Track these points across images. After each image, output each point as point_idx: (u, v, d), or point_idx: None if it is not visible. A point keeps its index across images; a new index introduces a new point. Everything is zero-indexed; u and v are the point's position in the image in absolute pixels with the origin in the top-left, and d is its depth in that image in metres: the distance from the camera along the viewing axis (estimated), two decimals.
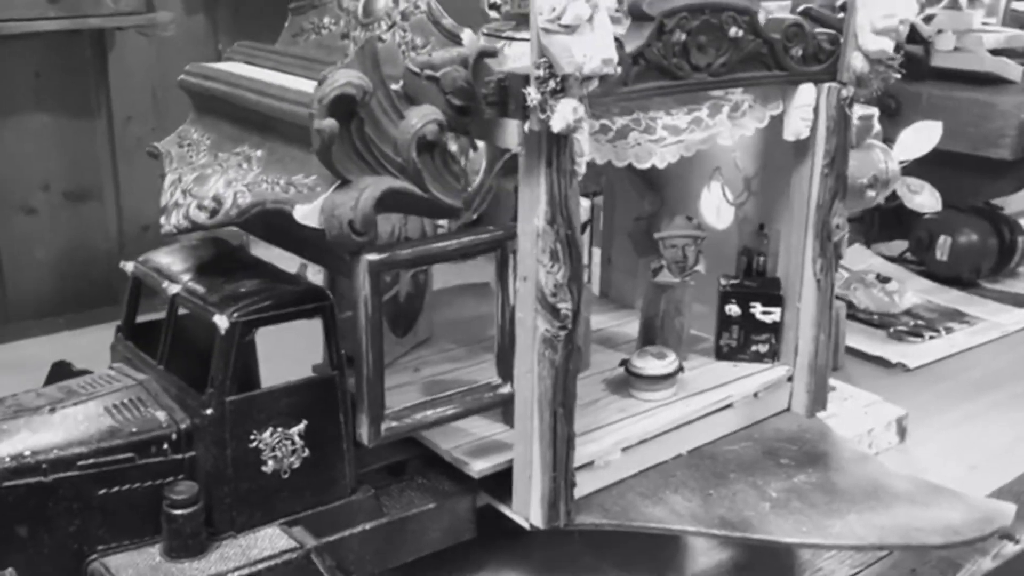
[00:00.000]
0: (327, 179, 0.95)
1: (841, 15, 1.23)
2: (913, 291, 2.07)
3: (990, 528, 1.14)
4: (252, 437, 0.99)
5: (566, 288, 1.03)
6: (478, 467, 1.12)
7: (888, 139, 1.69)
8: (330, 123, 0.89)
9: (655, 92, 1.11)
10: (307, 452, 1.02)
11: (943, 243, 2.17)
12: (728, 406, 1.30)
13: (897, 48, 1.26)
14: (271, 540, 1.00)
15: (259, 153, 1.04)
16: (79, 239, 1.97)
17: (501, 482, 1.13)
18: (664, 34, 1.09)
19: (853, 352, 1.82)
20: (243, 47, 1.18)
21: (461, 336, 1.42)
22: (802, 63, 1.23)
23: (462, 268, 1.17)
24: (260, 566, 0.97)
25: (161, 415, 1.00)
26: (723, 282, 1.37)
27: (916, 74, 2.38)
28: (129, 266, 1.12)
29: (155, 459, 0.98)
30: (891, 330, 1.92)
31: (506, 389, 1.09)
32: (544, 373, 1.05)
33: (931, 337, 1.90)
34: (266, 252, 1.15)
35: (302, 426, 1.02)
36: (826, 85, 1.25)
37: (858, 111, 1.58)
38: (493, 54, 0.98)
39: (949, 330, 1.94)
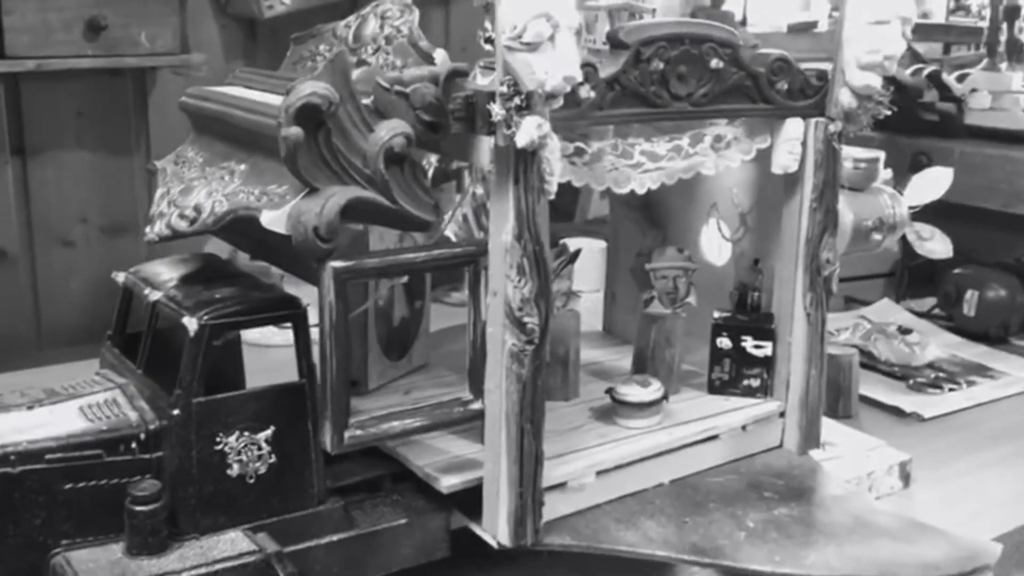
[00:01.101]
0: (298, 188, 0.98)
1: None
2: (938, 345, 2.04)
3: (971, 566, 1.11)
4: (218, 440, 1.01)
5: (533, 303, 1.05)
6: (448, 482, 1.13)
7: None
8: (295, 131, 0.93)
9: (633, 118, 1.13)
10: (273, 458, 1.04)
11: (971, 298, 2.13)
12: (714, 438, 1.29)
13: (893, 82, 1.27)
14: (232, 543, 1.02)
15: (243, 167, 1.08)
16: (113, 271, 2.04)
17: (474, 501, 1.14)
18: (641, 62, 1.12)
19: (868, 401, 1.80)
20: (244, 72, 1.23)
21: (458, 365, 1.43)
22: (788, 97, 1.24)
23: None
24: (217, 566, 0.98)
25: (133, 416, 1.03)
26: (715, 315, 1.37)
27: (949, 131, 2.38)
28: (120, 276, 1.16)
29: (123, 457, 1.01)
30: (911, 381, 1.89)
31: (477, 405, 1.10)
32: (511, 388, 1.06)
33: (951, 389, 1.86)
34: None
35: (269, 432, 1.04)
36: (814, 120, 1.26)
37: (863, 154, 1.59)
38: (464, 74, 1.02)
39: (971, 383, 1.90)
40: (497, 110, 0.98)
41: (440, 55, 1.04)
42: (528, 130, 0.98)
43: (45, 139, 1.88)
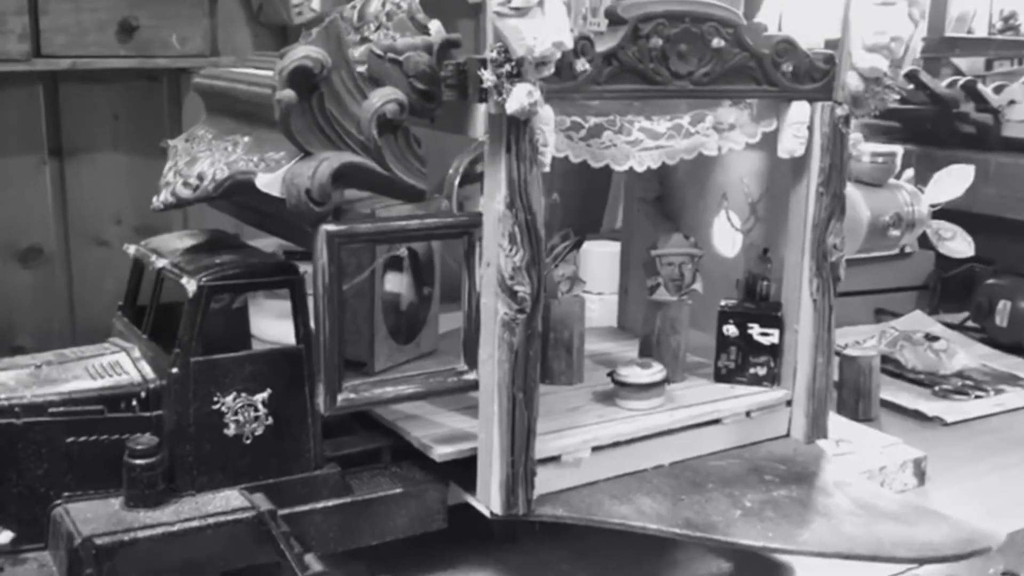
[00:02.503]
0: (293, 154, 1.01)
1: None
2: (969, 355, 2.01)
3: (970, 548, 1.10)
4: (215, 399, 1.04)
5: (524, 272, 1.06)
6: (441, 451, 1.14)
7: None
8: (288, 93, 0.96)
9: (631, 95, 1.15)
10: (270, 420, 1.07)
11: (1003, 309, 2.10)
12: (716, 423, 1.28)
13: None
14: (227, 500, 1.04)
15: (247, 139, 1.11)
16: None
17: (472, 475, 1.15)
18: (640, 38, 1.13)
19: (889, 405, 1.78)
20: (256, 55, 1.27)
21: None
22: (794, 80, 1.24)
23: None
24: (210, 520, 1.00)
25: (135, 375, 1.06)
26: (722, 303, 1.37)
27: (985, 143, 2.37)
28: (131, 249, 1.19)
29: (124, 414, 1.04)
30: (936, 388, 1.86)
31: (471, 375, 1.12)
32: (503, 357, 1.07)
33: (977, 396, 1.84)
34: None
35: (266, 394, 1.06)
36: (820, 103, 1.26)
37: (880, 149, 1.59)
38: (457, 43, 1.04)
39: (999, 391, 1.87)
40: (488, 76, 1.00)
41: (435, 26, 1.07)
42: (519, 97, 1.00)
43: (82, 141, 1.94)
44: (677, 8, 1.15)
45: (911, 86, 2.40)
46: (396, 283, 1.36)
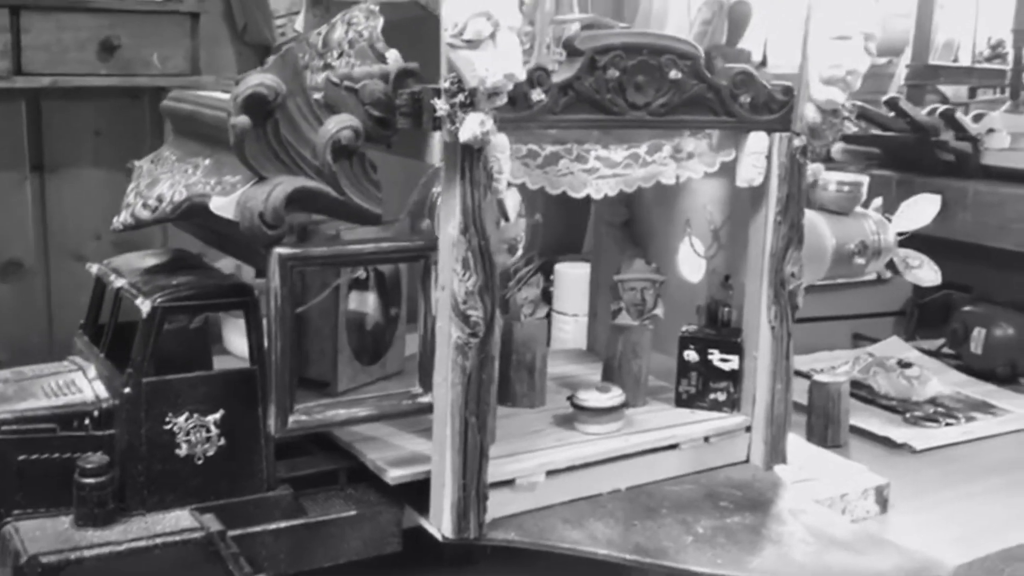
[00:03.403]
0: (249, 178, 1.02)
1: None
2: (943, 382, 2.01)
3: None
4: (167, 419, 1.05)
5: (477, 296, 1.07)
6: (395, 474, 1.15)
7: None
8: (242, 119, 0.97)
9: (588, 124, 1.16)
10: (222, 441, 1.08)
11: (977, 336, 2.11)
12: (674, 447, 1.29)
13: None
14: (177, 520, 1.05)
15: (207, 162, 1.12)
16: None
17: (426, 496, 1.16)
18: (597, 69, 1.15)
19: (860, 432, 1.78)
20: (226, 78, 1.28)
21: None
22: (752, 111, 1.26)
23: None
24: (159, 540, 1.01)
25: (88, 394, 1.07)
26: (684, 329, 1.38)
27: (964, 171, 2.37)
28: (94, 267, 1.21)
29: (76, 433, 1.05)
30: (908, 415, 1.87)
31: (426, 398, 1.13)
32: (456, 380, 1.08)
33: (948, 424, 1.84)
34: None
35: (218, 415, 1.07)
36: (778, 134, 1.28)
37: (846, 178, 1.60)
38: (414, 72, 1.05)
39: (970, 419, 1.87)
40: (441, 105, 1.01)
41: (392, 55, 1.08)
42: (471, 126, 1.01)
43: (63, 157, 1.96)
44: (634, 40, 1.17)
45: (892, 114, 2.42)
46: (361, 303, 1.38)
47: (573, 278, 1.93)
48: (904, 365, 1.98)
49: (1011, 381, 2.10)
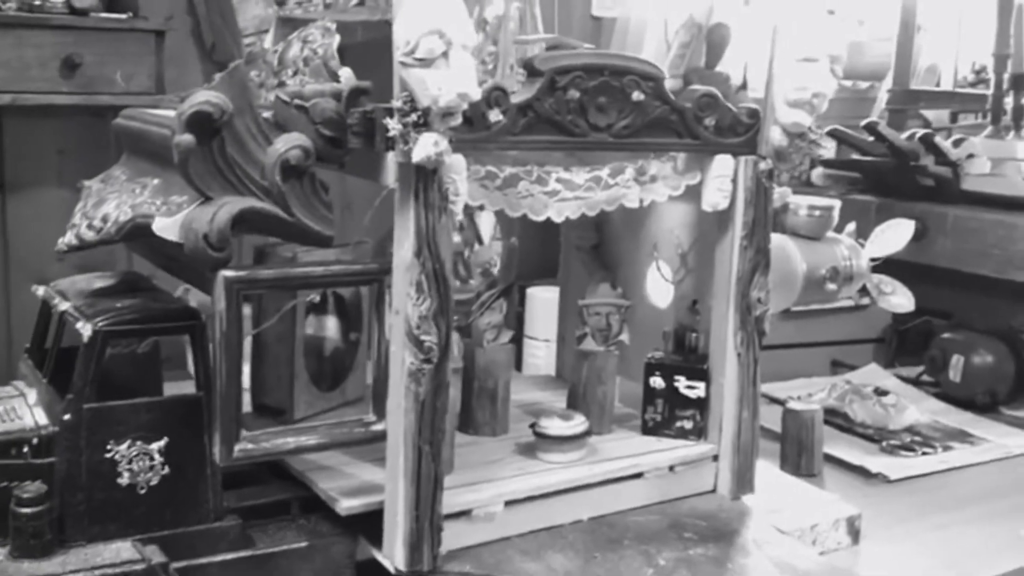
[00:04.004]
0: (195, 198, 0.99)
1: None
2: (920, 410, 1.98)
3: None
4: (109, 447, 1.01)
5: (431, 321, 1.04)
6: (347, 504, 1.11)
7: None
8: (186, 138, 0.94)
9: (548, 146, 1.14)
10: (166, 470, 1.04)
11: (956, 363, 2.08)
12: (638, 476, 1.26)
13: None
14: (118, 552, 1.01)
15: (156, 181, 1.09)
16: None
17: (380, 527, 1.12)
18: (557, 90, 1.12)
19: (834, 460, 1.75)
20: (176, 96, 1.25)
21: None
22: (717, 134, 1.24)
23: None
24: (98, 572, 0.97)
25: (28, 421, 1.04)
26: (650, 355, 1.35)
27: (944, 196, 2.35)
28: (40, 290, 1.17)
29: (15, 461, 1.01)
30: (884, 444, 1.84)
31: (379, 426, 1.09)
32: (409, 407, 1.05)
33: (924, 453, 1.81)
34: None
35: (163, 443, 1.04)
36: (744, 157, 1.25)
37: (818, 203, 1.58)
38: (367, 91, 1.03)
39: (947, 448, 1.84)
40: (394, 125, 0.98)
41: (345, 73, 1.06)
42: (424, 146, 0.99)
43: (25, 176, 1.92)
44: (595, 61, 1.15)
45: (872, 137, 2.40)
46: (320, 327, 1.34)
47: (545, 302, 1.89)
48: (880, 393, 1.95)
49: (990, 409, 2.07)
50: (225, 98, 0.96)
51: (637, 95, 1.17)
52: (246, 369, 1.18)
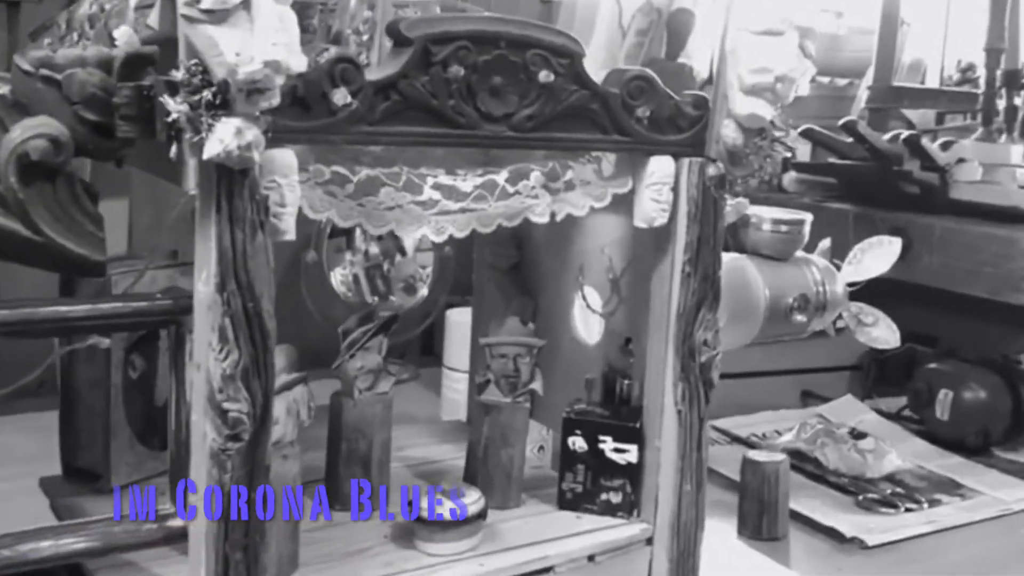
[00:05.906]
0: None
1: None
2: (901, 455, 1.71)
3: None
4: None
5: (239, 382, 0.75)
6: None
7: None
8: None
9: (422, 140, 0.85)
10: None
11: (944, 399, 1.81)
12: (546, 571, 0.97)
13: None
14: None
15: None
16: None
17: None
18: (433, 65, 0.83)
19: (802, 520, 1.48)
20: None
21: None
22: (653, 128, 0.95)
23: None
24: None
25: None
26: (568, 409, 1.07)
27: (930, 205, 2.10)
28: None
29: None
30: (861, 497, 1.57)
31: (177, 521, 0.80)
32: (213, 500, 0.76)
33: (908, 509, 1.54)
34: None
35: None
36: (688, 160, 0.97)
37: (785, 216, 1.30)
38: (152, 59, 0.73)
39: (935, 503, 1.58)
40: (176, 106, 0.69)
41: (122, 33, 0.76)
42: (223, 136, 0.70)
43: None
44: (487, 28, 0.86)
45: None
46: (149, 369, 1.05)
47: (462, 327, 1.61)
48: (857, 436, 1.68)
49: (982, 452, 1.81)
50: None
51: (545, 75, 0.88)
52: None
